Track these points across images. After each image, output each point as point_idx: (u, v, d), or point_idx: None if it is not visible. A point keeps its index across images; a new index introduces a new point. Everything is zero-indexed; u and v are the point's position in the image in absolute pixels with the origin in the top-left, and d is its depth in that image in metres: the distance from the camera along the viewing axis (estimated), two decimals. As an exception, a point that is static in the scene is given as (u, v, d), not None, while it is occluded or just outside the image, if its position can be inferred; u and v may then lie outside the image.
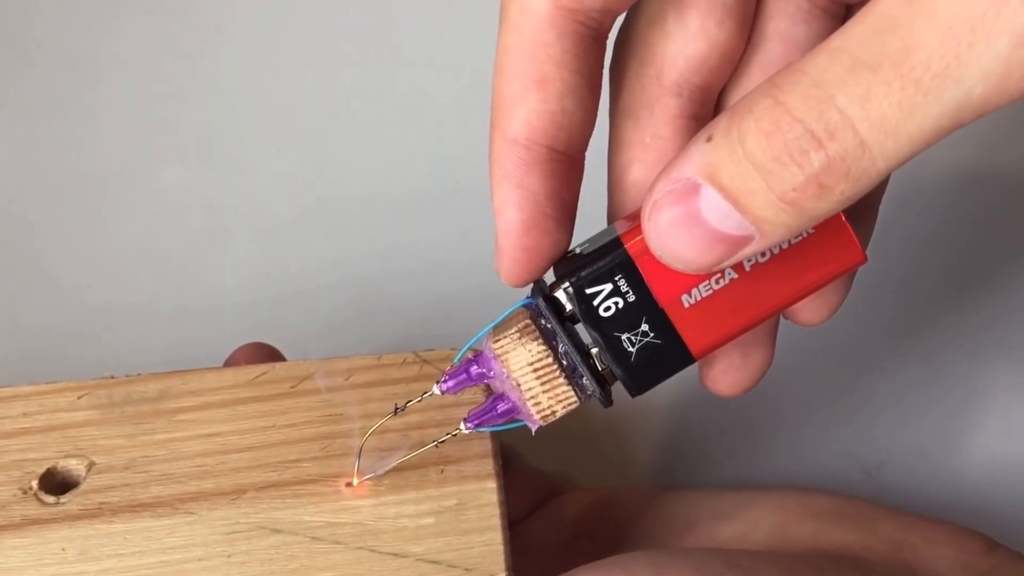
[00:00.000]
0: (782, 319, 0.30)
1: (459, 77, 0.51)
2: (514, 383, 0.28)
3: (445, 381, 0.29)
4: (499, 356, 0.28)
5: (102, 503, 0.30)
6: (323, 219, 0.49)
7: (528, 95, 0.26)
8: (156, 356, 0.43)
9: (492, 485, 0.30)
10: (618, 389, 0.28)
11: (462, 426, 0.29)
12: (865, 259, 0.27)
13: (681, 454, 0.43)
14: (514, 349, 0.27)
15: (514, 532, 0.31)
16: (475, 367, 0.28)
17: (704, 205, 0.23)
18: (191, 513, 0.30)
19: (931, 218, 0.47)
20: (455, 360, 0.29)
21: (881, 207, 0.31)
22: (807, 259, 0.26)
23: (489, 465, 0.31)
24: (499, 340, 0.27)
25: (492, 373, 0.28)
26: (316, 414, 0.32)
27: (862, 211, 0.29)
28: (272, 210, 0.50)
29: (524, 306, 0.28)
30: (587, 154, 0.28)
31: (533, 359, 0.27)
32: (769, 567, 0.29)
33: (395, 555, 0.29)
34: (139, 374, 0.33)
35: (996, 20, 0.20)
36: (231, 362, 0.35)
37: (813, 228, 0.26)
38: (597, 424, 0.43)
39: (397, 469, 0.30)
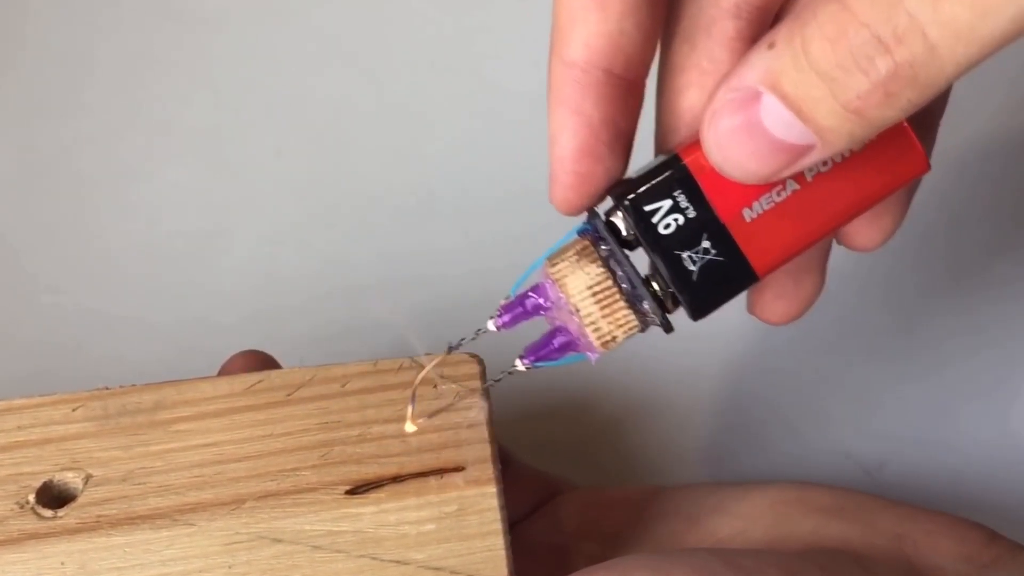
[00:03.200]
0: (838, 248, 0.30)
1: (461, 79, 0.51)
2: (573, 308, 0.27)
3: (501, 316, 0.28)
4: (557, 280, 0.27)
5: (100, 516, 0.30)
6: (322, 221, 0.49)
7: (587, 15, 0.26)
8: (150, 363, 0.43)
9: (492, 490, 0.30)
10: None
11: (518, 363, 0.28)
12: (929, 167, 0.26)
13: (680, 454, 0.43)
14: (572, 272, 0.27)
15: (514, 533, 0.31)
16: (531, 298, 0.28)
17: (765, 114, 0.23)
18: (190, 524, 0.30)
19: (930, 216, 0.47)
20: (511, 293, 0.28)
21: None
22: (870, 168, 0.26)
23: (489, 470, 0.31)
24: (557, 264, 0.27)
25: (549, 303, 0.27)
26: (313, 422, 0.32)
27: (925, 120, 0.28)
28: (271, 213, 0.50)
29: (580, 232, 0.27)
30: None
31: (592, 282, 0.27)
32: (771, 567, 0.29)
33: (397, 563, 0.29)
34: (134, 385, 0.33)
35: None
36: (225, 370, 0.35)
37: (876, 136, 0.25)
38: (595, 425, 0.43)
39: (399, 480, 0.30)
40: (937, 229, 0.46)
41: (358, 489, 0.30)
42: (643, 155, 0.28)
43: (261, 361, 0.35)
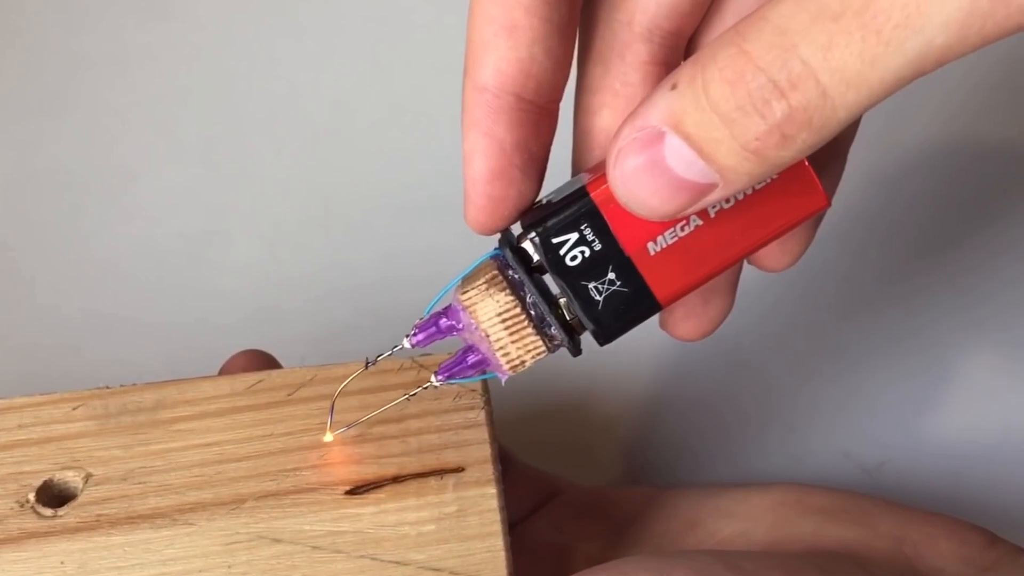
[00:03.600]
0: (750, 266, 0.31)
1: (461, 79, 0.51)
2: (483, 334, 0.28)
3: (415, 334, 0.29)
4: (467, 307, 0.28)
5: (100, 515, 0.30)
6: (322, 221, 0.49)
7: (497, 42, 0.26)
8: (151, 363, 0.43)
9: (492, 491, 0.30)
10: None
11: (433, 379, 0.29)
12: (828, 204, 0.27)
13: (679, 455, 0.43)
14: (482, 300, 0.27)
15: (514, 533, 0.31)
16: (444, 319, 0.28)
17: (668, 153, 0.23)
18: (190, 524, 0.30)
19: (929, 216, 0.47)
20: (425, 313, 0.29)
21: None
22: (771, 205, 0.26)
23: (489, 471, 0.31)
24: (467, 291, 0.28)
25: (461, 325, 0.28)
26: (314, 421, 0.32)
27: (828, 157, 0.29)
28: (271, 213, 0.50)
29: (492, 257, 0.28)
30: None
31: (501, 309, 0.27)
32: (771, 569, 0.29)
33: (397, 563, 0.29)
34: (134, 384, 0.33)
35: None
36: (226, 370, 0.35)
37: (777, 174, 0.26)
38: (594, 425, 0.43)
39: (399, 481, 0.30)
40: (937, 228, 0.46)
41: (358, 489, 0.30)
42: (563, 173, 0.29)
43: (262, 361, 0.35)
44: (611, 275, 0.26)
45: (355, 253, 0.48)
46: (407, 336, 0.29)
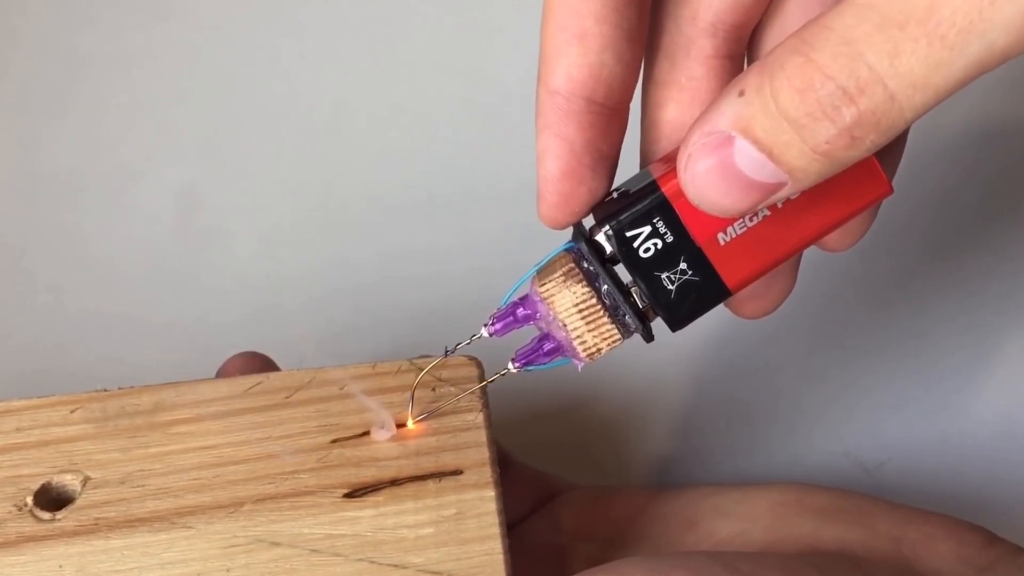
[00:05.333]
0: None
1: (461, 79, 0.51)
2: (560, 324, 0.29)
3: (493, 324, 0.30)
4: (545, 299, 0.29)
5: (98, 519, 0.30)
6: (322, 221, 0.49)
7: (569, 49, 0.27)
8: (149, 363, 0.43)
9: (491, 493, 0.30)
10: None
11: (510, 366, 0.30)
12: (891, 191, 0.28)
13: (679, 454, 0.43)
14: (559, 292, 0.28)
15: (513, 533, 0.31)
16: (521, 309, 0.29)
17: (738, 156, 0.24)
18: (189, 527, 0.30)
19: (930, 216, 0.47)
20: (502, 303, 0.29)
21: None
22: (836, 194, 0.27)
23: (487, 473, 0.31)
24: (545, 284, 0.29)
25: (538, 315, 0.29)
26: (312, 424, 0.32)
27: (889, 145, 0.30)
28: (271, 213, 0.50)
29: (566, 249, 0.29)
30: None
31: (578, 300, 0.28)
32: (769, 570, 0.29)
33: (395, 566, 0.29)
34: (132, 386, 0.33)
35: None
36: (224, 372, 0.35)
37: None
38: (593, 426, 0.43)
39: (397, 483, 0.30)
40: (938, 229, 0.46)
41: (356, 492, 0.30)
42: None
43: (259, 362, 0.35)
44: (683, 265, 0.27)
45: (355, 253, 0.48)
46: (485, 325, 0.30)
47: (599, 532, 0.37)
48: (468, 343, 0.30)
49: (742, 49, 0.30)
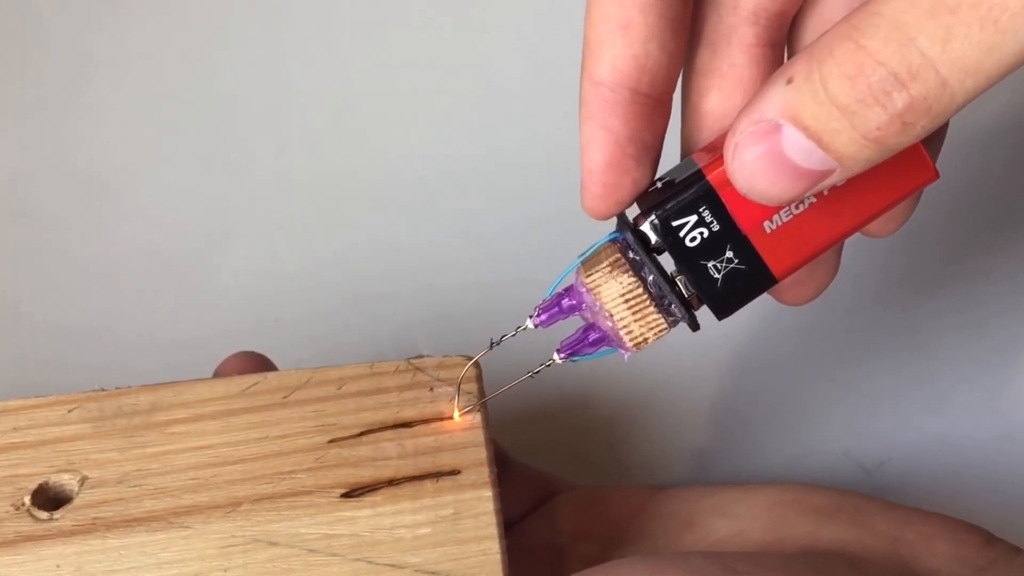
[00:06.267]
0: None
1: (460, 77, 0.51)
2: (607, 314, 0.29)
3: (538, 315, 0.30)
4: (591, 289, 0.29)
5: (96, 518, 0.30)
6: (322, 221, 0.49)
7: (613, 39, 0.27)
8: (147, 363, 0.43)
9: (488, 493, 0.30)
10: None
11: (555, 356, 0.30)
12: (937, 176, 0.28)
13: (677, 455, 0.43)
14: (606, 282, 0.28)
15: (511, 533, 0.31)
16: (567, 299, 0.29)
17: (787, 144, 0.24)
18: (186, 527, 0.30)
19: (930, 215, 0.47)
20: (547, 294, 0.29)
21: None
22: (882, 180, 0.27)
23: (485, 473, 0.31)
24: (591, 274, 0.29)
25: (584, 305, 0.29)
26: (309, 424, 0.32)
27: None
28: (271, 213, 0.50)
29: (611, 240, 0.29)
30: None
31: (624, 290, 0.28)
32: (766, 570, 0.29)
33: (392, 566, 0.29)
34: (130, 386, 0.33)
35: None
36: (221, 372, 0.35)
37: None
38: (592, 425, 0.43)
39: (394, 483, 0.31)
40: (937, 228, 0.46)
41: (354, 492, 0.30)
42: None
43: (257, 362, 0.35)
44: (729, 254, 0.27)
45: (354, 253, 0.48)
46: (530, 317, 0.30)
47: (597, 532, 0.37)
48: (513, 335, 0.30)
49: (783, 37, 0.29)
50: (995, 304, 0.45)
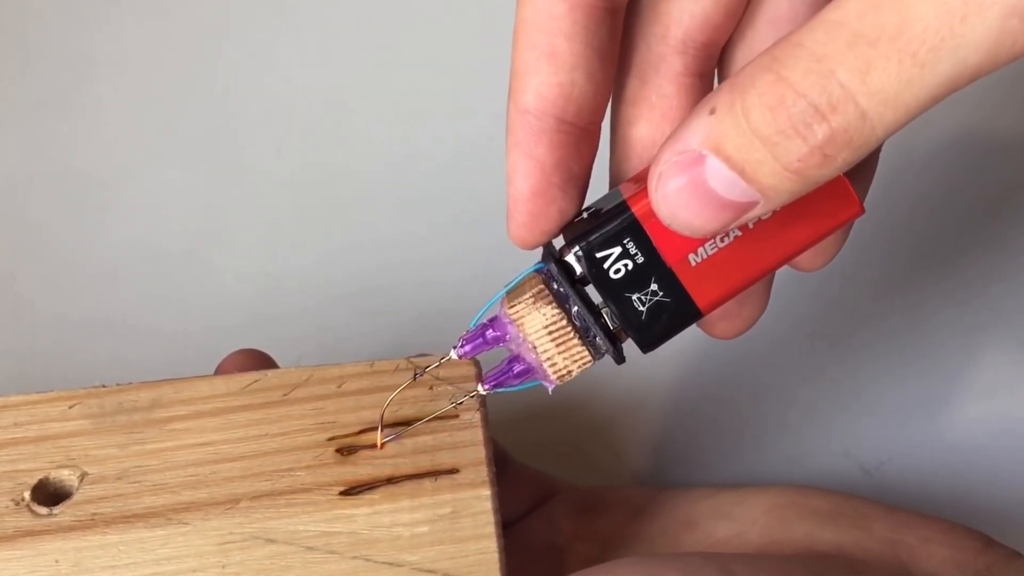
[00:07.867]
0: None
1: (460, 77, 0.51)
2: (530, 346, 0.28)
3: (462, 346, 0.29)
4: (515, 321, 0.28)
5: (95, 514, 0.30)
6: (322, 221, 0.49)
7: (539, 67, 0.27)
8: (148, 361, 0.43)
9: (486, 492, 0.30)
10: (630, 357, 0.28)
11: (479, 387, 0.30)
12: (862, 211, 0.27)
13: (677, 455, 0.43)
14: (529, 314, 0.28)
15: (510, 532, 0.31)
16: (491, 331, 0.29)
17: (710, 175, 0.24)
18: (185, 524, 0.30)
19: (929, 215, 0.47)
20: (471, 325, 0.29)
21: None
22: (807, 214, 0.27)
23: (483, 472, 0.31)
24: (514, 305, 0.28)
25: (508, 336, 0.29)
26: (309, 422, 0.32)
27: (861, 165, 0.30)
28: (271, 213, 0.50)
29: (535, 271, 0.29)
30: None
31: (548, 322, 0.28)
32: (764, 572, 0.29)
33: (390, 564, 0.29)
34: (130, 383, 0.33)
35: None
36: (222, 369, 0.35)
37: None
38: (591, 426, 0.43)
39: (393, 482, 0.31)
40: (936, 228, 0.46)
41: (352, 490, 0.30)
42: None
43: (258, 360, 0.35)
44: (654, 286, 0.27)
45: (354, 253, 0.48)
46: (454, 348, 0.29)
47: (596, 532, 0.37)
48: (437, 365, 0.31)
49: (712, 67, 0.29)
50: (996, 304, 0.45)
